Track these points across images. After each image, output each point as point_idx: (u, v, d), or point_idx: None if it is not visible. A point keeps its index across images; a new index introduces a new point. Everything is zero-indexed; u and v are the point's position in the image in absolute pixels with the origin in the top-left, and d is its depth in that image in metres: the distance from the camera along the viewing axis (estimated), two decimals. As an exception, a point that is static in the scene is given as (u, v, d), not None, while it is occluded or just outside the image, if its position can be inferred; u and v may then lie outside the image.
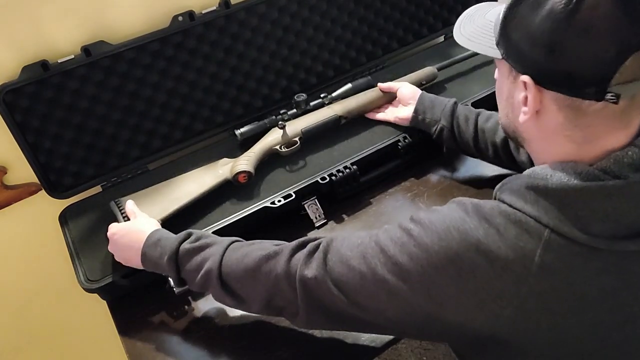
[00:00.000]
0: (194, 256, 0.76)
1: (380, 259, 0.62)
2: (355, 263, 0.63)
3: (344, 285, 0.64)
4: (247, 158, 1.05)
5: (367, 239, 0.65)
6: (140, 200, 0.98)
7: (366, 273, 0.62)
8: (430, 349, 1.70)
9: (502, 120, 0.70)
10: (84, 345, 1.41)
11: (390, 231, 0.64)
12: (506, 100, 0.65)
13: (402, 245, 0.61)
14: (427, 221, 0.61)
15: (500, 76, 0.66)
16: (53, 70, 0.96)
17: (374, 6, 1.28)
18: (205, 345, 0.85)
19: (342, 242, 0.67)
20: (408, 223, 0.63)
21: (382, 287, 0.61)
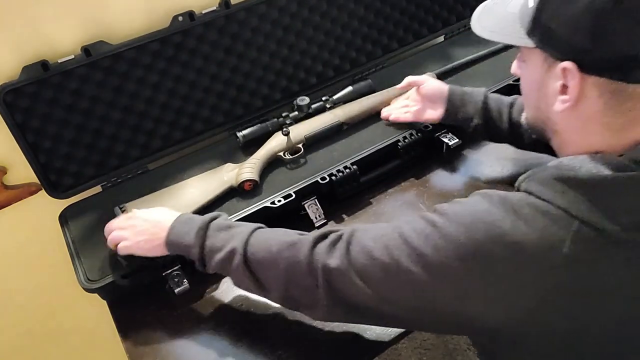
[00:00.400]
0: (222, 232, 0.76)
1: (404, 250, 0.61)
2: (379, 254, 0.63)
3: (366, 276, 0.63)
4: (252, 165, 1.05)
5: (390, 230, 0.64)
6: (145, 206, 0.98)
7: (389, 264, 0.62)
8: (430, 349, 1.70)
9: (529, 113, 0.69)
10: (84, 345, 1.41)
11: (414, 222, 0.63)
12: (538, 91, 0.64)
13: (426, 237, 0.60)
14: (452, 213, 0.61)
15: (530, 67, 0.65)
16: (53, 70, 0.96)
17: (374, 6, 1.28)
18: (205, 345, 0.85)
19: (364, 233, 0.67)
20: (432, 214, 0.63)
21: (405, 278, 0.61)
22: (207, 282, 0.95)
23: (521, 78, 0.69)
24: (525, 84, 0.68)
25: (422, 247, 0.60)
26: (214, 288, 0.94)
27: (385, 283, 0.63)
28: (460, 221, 0.59)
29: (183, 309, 0.91)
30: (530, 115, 0.69)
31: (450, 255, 0.58)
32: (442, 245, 0.59)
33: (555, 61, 0.59)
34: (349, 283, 0.64)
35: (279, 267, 0.70)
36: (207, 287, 0.94)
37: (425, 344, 1.72)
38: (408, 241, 0.62)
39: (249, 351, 0.83)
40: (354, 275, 0.64)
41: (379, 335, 0.82)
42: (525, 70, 0.67)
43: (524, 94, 0.69)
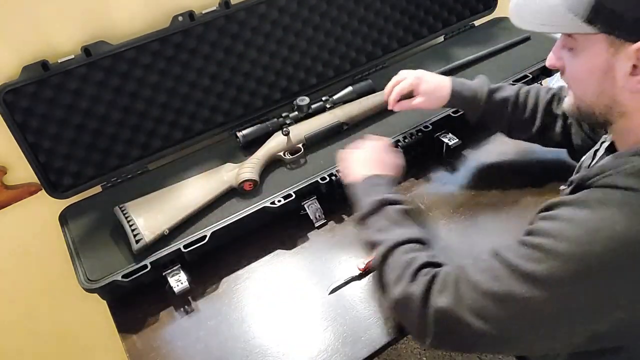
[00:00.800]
0: (389, 220, 0.79)
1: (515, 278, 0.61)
2: (488, 286, 0.63)
3: (479, 311, 0.63)
4: (252, 165, 1.05)
5: (494, 261, 0.64)
6: (145, 207, 0.98)
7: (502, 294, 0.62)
8: (429, 349, 1.70)
9: (587, 101, 0.67)
10: (84, 345, 1.41)
11: (514, 249, 0.63)
12: (603, 76, 0.63)
13: (537, 260, 0.60)
14: (556, 231, 0.60)
15: (588, 54, 0.63)
16: (53, 70, 0.96)
17: (374, 6, 1.28)
18: (205, 345, 0.85)
19: (470, 267, 0.67)
20: (531, 238, 0.62)
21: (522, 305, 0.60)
22: (207, 282, 0.95)
23: (570, 67, 0.67)
24: (581, 71, 0.66)
25: (537, 270, 0.59)
26: (214, 288, 0.94)
27: (500, 315, 0.62)
28: (567, 236, 0.59)
29: (183, 309, 0.91)
30: (588, 102, 0.67)
31: (569, 273, 0.58)
32: (558, 265, 0.58)
33: (623, 43, 0.59)
34: (461, 320, 0.64)
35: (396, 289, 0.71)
36: (207, 287, 0.94)
37: (425, 344, 1.72)
38: (518, 269, 0.61)
39: (249, 351, 0.83)
40: (466, 312, 0.64)
41: (378, 336, 0.83)
42: (579, 58, 0.65)
43: (577, 82, 0.68)
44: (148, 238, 0.93)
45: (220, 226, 0.96)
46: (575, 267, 0.58)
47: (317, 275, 0.93)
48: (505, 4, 1.46)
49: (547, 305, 0.59)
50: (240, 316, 0.89)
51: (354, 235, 0.99)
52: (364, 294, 0.89)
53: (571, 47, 0.66)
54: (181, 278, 0.91)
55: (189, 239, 0.94)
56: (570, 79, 0.69)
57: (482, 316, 0.63)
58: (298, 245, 0.99)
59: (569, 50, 0.66)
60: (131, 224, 0.95)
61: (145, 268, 0.90)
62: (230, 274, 0.96)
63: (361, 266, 0.91)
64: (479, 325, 0.63)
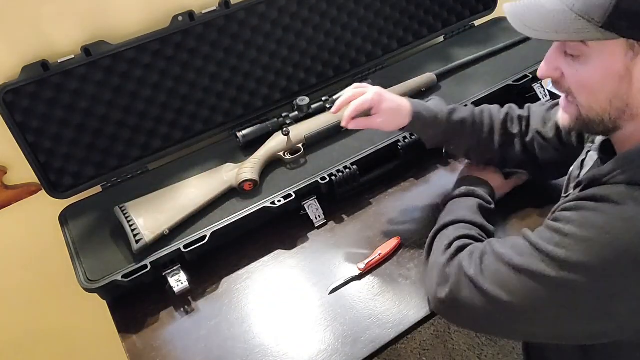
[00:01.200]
0: (462, 205, 0.88)
1: (533, 254, 0.64)
2: (510, 258, 0.66)
3: (499, 280, 0.67)
4: (252, 165, 1.05)
5: (520, 239, 0.68)
6: (145, 207, 0.98)
7: (520, 267, 0.65)
8: (429, 349, 1.70)
9: (598, 108, 0.65)
10: (84, 345, 1.41)
11: (539, 231, 0.67)
12: (618, 81, 0.62)
13: (557, 244, 0.62)
14: (579, 219, 0.62)
15: (603, 60, 0.61)
16: (53, 70, 0.96)
17: (374, 6, 1.28)
18: (205, 345, 0.85)
19: (497, 243, 0.72)
20: (554, 224, 0.65)
21: (543, 283, 0.63)
22: (207, 282, 0.95)
23: (576, 75, 0.64)
24: (593, 78, 0.63)
25: (555, 253, 0.62)
26: (214, 288, 0.94)
27: (518, 283, 0.65)
28: (594, 226, 0.60)
29: (183, 308, 0.91)
30: (598, 110, 0.65)
31: (586, 261, 0.60)
32: (577, 251, 0.60)
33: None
34: (480, 290, 0.68)
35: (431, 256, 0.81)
36: (207, 287, 0.94)
37: (425, 344, 1.72)
38: (539, 248, 0.64)
39: (249, 351, 0.83)
40: (487, 281, 0.68)
41: (378, 336, 0.83)
42: (590, 65, 0.62)
43: (587, 90, 0.64)
44: (148, 238, 0.93)
45: (220, 226, 0.96)
46: (594, 255, 0.59)
47: (317, 275, 0.93)
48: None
49: (559, 287, 0.61)
50: (240, 316, 0.89)
51: (353, 235, 0.99)
52: (364, 294, 0.89)
53: (577, 54, 0.63)
54: (181, 278, 0.91)
55: (189, 239, 0.94)
56: (576, 87, 0.66)
57: (501, 285, 0.66)
58: (298, 245, 0.99)
59: (574, 58, 0.64)
60: (131, 224, 0.95)
61: (145, 268, 0.90)
62: (230, 274, 0.96)
63: (361, 266, 0.91)
64: (499, 293, 0.66)
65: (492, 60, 1.32)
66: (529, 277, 0.64)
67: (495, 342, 1.70)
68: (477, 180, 0.95)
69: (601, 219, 0.60)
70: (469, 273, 0.70)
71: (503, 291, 0.66)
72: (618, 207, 0.60)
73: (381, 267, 0.93)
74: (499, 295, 0.66)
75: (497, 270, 0.67)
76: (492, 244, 0.71)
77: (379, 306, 0.87)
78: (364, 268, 0.91)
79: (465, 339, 1.72)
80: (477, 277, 0.69)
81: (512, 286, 0.65)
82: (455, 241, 0.78)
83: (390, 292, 0.88)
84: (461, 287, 0.71)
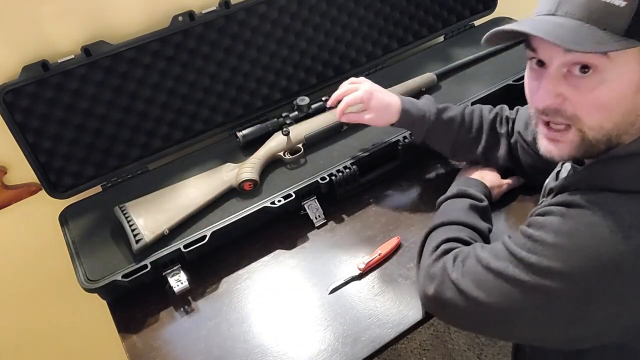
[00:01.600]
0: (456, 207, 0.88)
1: (509, 259, 0.65)
2: (488, 261, 0.68)
3: (480, 282, 0.68)
4: (252, 165, 1.05)
5: (499, 244, 0.69)
6: (145, 207, 0.98)
7: (498, 271, 0.66)
8: (429, 349, 1.70)
9: (610, 127, 0.61)
10: (84, 345, 1.41)
11: (515, 236, 0.67)
12: (633, 95, 0.59)
13: (529, 249, 0.63)
14: (549, 225, 0.63)
15: (624, 74, 0.58)
16: (53, 70, 0.96)
17: (374, 6, 1.28)
18: (205, 345, 0.85)
19: (479, 247, 0.73)
20: (527, 229, 0.65)
21: (517, 287, 0.63)
22: (207, 282, 0.95)
23: (590, 95, 0.60)
24: (610, 95, 0.59)
25: (529, 259, 0.63)
26: (214, 288, 0.94)
27: (497, 286, 0.66)
28: (561, 232, 0.61)
29: (183, 308, 0.91)
30: (609, 128, 0.61)
31: (556, 267, 0.60)
32: (547, 257, 0.61)
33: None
34: (462, 293, 0.70)
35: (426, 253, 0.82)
36: (207, 287, 0.94)
37: (425, 344, 1.72)
38: (514, 253, 0.65)
39: (249, 351, 0.83)
40: (469, 284, 0.69)
41: (378, 336, 0.83)
42: (607, 82, 0.59)
43: (602, 109, 0.60)
44: (148, 238, 0.93)
45: (220, 226, 0.96)
46: (562, 261, 0.60)
47: (317, 275, 0.93)
48: (506, 4, 1.47)
49: (533, 291, 0.62)
50: (240, 316, 0.89)
51: (353, 235, 0.99)
52: (364, 294, 0.89)
53: (591, 69, 0.59)
54: (181, 278, 0.91)
55: (189, 239, 0.94)
56: (588, 109, 0.61)
57: (480, 287, 0.67)
58: (298, 245, 0.99)
59: (581, 80, 0.60)
60: (131, 224, 0.95)
61: (145, 268, 0.90)
62: (230, 274, 0.96)
63: (361, 266, 0.91)
64: (478, 294, 0.67)
65: (492, 60, 1.32)
66: (505, 281, 0.65)
67: (495, 342, 1.70)
68: (470, 180, 0.96)
69: (568, 225, 0.61)
70: (452, 276, 0.72)
71: (482, 294, 0.67)
72: (584, 212, 0.60)
73: (381, 267, 0.93)
74: (479, 297, 0.67)
75: (477, 274, 0.69)
76: (475, 248, 0.72)
77: (379, 306, 0.87)
78: (364, 268, 0.91)
79: (465, 339, 1.72)
80: (459, 280, 0.71)
81: (490, 289, 0.66)
82: (442, 244, 0.80)
83: (390, 292, 0.88)
84: (445, 289, 0.73)
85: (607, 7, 0.56)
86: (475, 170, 0.99)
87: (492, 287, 0.66)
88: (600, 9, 0.57)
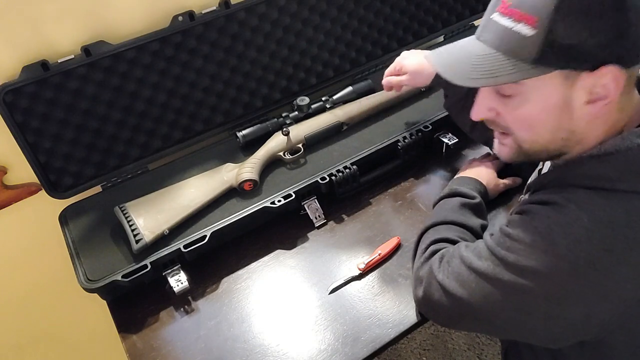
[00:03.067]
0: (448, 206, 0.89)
1: (489, 258, 0.66)
2: (471, 261, 0.69)
3: (463, 281, 0.69)
4: (252, 165, 1.05)
5: (481, 243, 0.70)
6: (145, 206, 0.98)
7: (479, 270, 0.67)
8: (429, 349, 1.70)
9: (542, 141, 0.65)
10: (84, 345, 1.41)
11: (495, 235, 0.68)
12: (559, 114, 0.62)
13: (506, 247, 0.64)
14: (523, 224, 0.64)
15: (543, 96, 0.61)
16: (53, 70, 0.96)
17: (373, 6, 1.28)
18: (205, 345, 0.85)
19: (463, 246, 0.73)
20: (505, 228, 0.66)
21: (497, 286, 0.64)
22: (207, 282, 0.95)
23: (513, 114, 0.64)
24: (534, 115, 0.63)
25: (507, 257, 0.64)
26: (214, 288, 0.94)
27: (479, 284, 0.67)
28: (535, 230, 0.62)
29: (183, 308, 0.91)
30: (544, 142, 0.65)
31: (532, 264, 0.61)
32: (523, 255, 0.62)
33: (580, 74, 0.58)
34: (448, 292, 0.71)
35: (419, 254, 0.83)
36: (207, 287, 0.94)
37: (425, 344, 1.72)
38: (494, 252, 0.66)
39: (249, 351, 0.83)
40: (453, 283, 0.70)
41: (378, 336, 0.83)
42: (528, 102, 0.62)
43: (528, 126, 0.64)
44: (148, 238, 0.93)
45: (220, 226, 0.96)
46: (536, 260, 0.61)
47: (317, 275, 0.93)
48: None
49: (512, 290, 0.63)
50: (240, 316, 0.89)
51: (353, 235, 0.99)
52: (364, 294, 0.89)
53: (510, 94, 0.63)
54: (181, 278, 0.91)
55: (189, 239, 0.94)
56: (515, 125, 0.66)
57: (463, 286, 0.68)
58: (298, 245, 0.99)
59: (509, 98, 0.63)
60: (131, 224, 0.95)
61: (145, 268, 0.90)
62: (230, 274, 0.96)
63: (361, 266, 0.91)
64: (462, 293, 0.68)
65: (492, 60, 1.31)
66: (485, 280, 0.66)
67: (495, 342, 1.70)
68: (464, 179, 0.96)
69: (543, 224, 0.62)
70: (438, 277, 0.73)
71: (465, 293, 0.68)
72: (560, 210, 0.61)
73: (381, 267, 0.93)
74: (462, 296, 0.68)
75: (460, 274, 0.69)
76: (460, 248, 0.73)
77: (379, 306, 0.87)
78: (364, 268, 0.91)
79: (466, 338, 1.72)
80: (444, 281, 0.71)
81: (473, 289, 0.67)
82: (431, 245, 0.81)
83: (390, 292, 0.88)
84: (433, 290, 0.74)
85: (517, 36, 0.58)
86: (473, 168, 0.99)
87: (474, 286, 0.67)
88: (511, 38, 0.59)
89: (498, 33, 0.60)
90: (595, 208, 0.59)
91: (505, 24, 0.59)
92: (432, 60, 0.67)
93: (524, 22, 0.57)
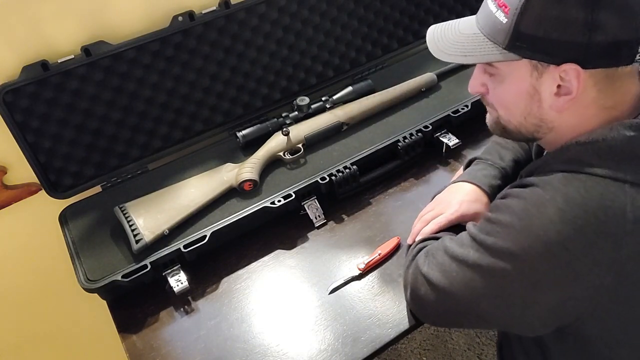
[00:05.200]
0: None
1: (471, 245, 0.67)
2: (453, 250, 0.70)
3: (446, 271, 0.69)
4: (252, 165, 1.05)
5: (464, 233, 0.71)
6: (145, 207, 0.98)
7: (461, 258, 0.68)
8: (429, 349, 1.70)
9: (514, 122, 0.70)
10: (84, 345, 1.41)
11: (478, 223, 0.69)
12: (529, 99, 0.65)
13: (487, 232, 0.65)
14: (504, 205, 0.65)
15: (513, 80, 0.66)
16: (53, 70, 0.96)
17: (373, 6, 1.28)
18: (205, 345, 0.85)
19: (447, 238, 0.74)
20: (487, 213, 0.68)
21: (476, 272, 0.65)
22: (207, 282, 0.95)
23: (494, 92, 0.70)
24: (507, 96, 0.68)
25: (487, 240, 0.64)
26: (214, 288, 0.94)
27: (457, 278, 0.68)
28: (514, 211, 0.63)
29: (183, 308, 0.91)
30: (516, 123, 0.70)
31: (511, 247, 0.62)
32: (503, 236, 0.63)
33: (548, 66, 0.61)
34: (432, 284, 0.71)
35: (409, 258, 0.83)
36: (207, 287, 0.94)
37: (425, 344, 1.72)
38: (475, 238, 0.67)
39: (249, 351, 0.83)
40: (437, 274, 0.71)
41: (378, 336, 0.83)
42: (503, 84, 0.67)
43: (504, 106, 0.70)
44: (148, 238, 0.93)
45: (220, 226, 0.96)
46: (512, 241, 0.61)
47: (317, 275, 0.93)
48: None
49: (490, 274, 0.64)
50: (240, 316, 0.89)
51: (353, 235, 0.99)
52: (364, 294, 0.89)
53: (493, 73, 0.68)
54: (181, 278, 0.91)
55: (189, 239, 0.94)
56: (495, 103, 0.71)
57: (446, 276, 0.69)
58: (298, 245, 0.99)
59: (490, 76, 0.69)
60: (131, 224, 0.95)
61: (145, 268, 0.90)
62: (230, 274, 0.96)
63: (361, 266, 0.91)
64: (445, 283, 0.69)
65: (492, 60, 1.31)
66: (466, 267, 0.66)
67: (495, 342, 1.70)
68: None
69: (520, 205, 0.63)
70: (423, 270, 0.74)
71: (447, 282, 0.69)
72: (536, 191, 0.62)
73: (381, 267, 0.93)
74: (445, 285, 0.69)
75: (443, 264, 0.70)
76: (444, 240, 0.74)
77: (379, 306, 0.87)
78: (364, 268, 0.91)
79: (465, 338, 1.72)
80: (429, 273, 0.72)
81: (453, 277, 0.68)
82: (419, 244, 0.82)
83: (390, 292, 0.88)
84: (418, 284, 0.74)
85: (496, 22, 0.63)
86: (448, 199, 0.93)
87: (455, 275, 0.68)
88: (492, 23, 0.64)
89: (485, 16, 0.66)
90: (570, 189, 0.60)
91: (491, 8, 0.64)
92: (428, 33, 0.74)
93: (502, 9, 0.62)
